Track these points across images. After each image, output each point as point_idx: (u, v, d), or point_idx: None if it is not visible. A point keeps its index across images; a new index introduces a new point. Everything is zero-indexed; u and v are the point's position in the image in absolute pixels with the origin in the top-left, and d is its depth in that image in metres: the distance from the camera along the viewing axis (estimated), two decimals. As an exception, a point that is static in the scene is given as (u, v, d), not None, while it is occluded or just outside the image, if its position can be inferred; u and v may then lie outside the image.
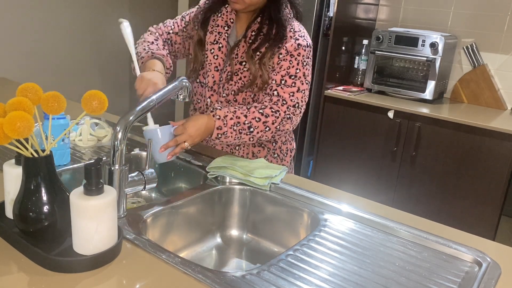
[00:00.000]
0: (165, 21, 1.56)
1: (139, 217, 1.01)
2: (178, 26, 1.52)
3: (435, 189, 2.63)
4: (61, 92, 0.85)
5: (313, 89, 3.04)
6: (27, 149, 0.80)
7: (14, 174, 0.88)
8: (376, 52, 2.89)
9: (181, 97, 1.28)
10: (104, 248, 0.82)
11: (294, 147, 1.58)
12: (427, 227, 1.06)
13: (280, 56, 1.34)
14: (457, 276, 0.89)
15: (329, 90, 2.91)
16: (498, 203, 2.44)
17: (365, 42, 3.03)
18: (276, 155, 1.49)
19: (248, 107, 1.31)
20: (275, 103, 1.33)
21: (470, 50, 2.89)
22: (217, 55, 1.41)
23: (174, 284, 0.79)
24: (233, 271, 0.84)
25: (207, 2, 1.47)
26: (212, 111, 1.27)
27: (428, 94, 2.77)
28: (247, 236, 1.24)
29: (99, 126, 1.54)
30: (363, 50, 3.05)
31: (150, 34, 1.52)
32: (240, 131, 1.28)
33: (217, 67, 1.42)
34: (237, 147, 1.47)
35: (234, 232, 1.25)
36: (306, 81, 1.36)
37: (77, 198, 0.79)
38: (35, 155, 0.81)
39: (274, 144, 1.48)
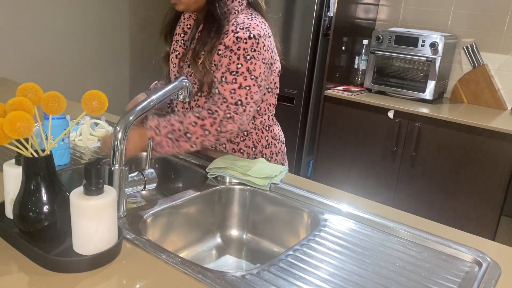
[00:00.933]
0: None
1: (139, 217, 1.01)
2: None
3: (435, 189, 2.63)
4: (61, 92, 0.85)
5: (313, 89, 3.04)
6: (27, 149, 0.80)
7: (14, 174, 0.88)
8: (376, 52, 2.89)
9: (181, 97, 1.28)
10: (104, 248, 0.82)
11: (282, 149, 1.52)
12: (427, 227, 1.06)
13: (220, 52, 1.27)
14: (457, 276, 0.89)
15: (329, 90, 2.91)
16: (498, 203, 2.44)
17: (365, 42, 3.03)
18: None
19: (186, 113, 1.27)
20: (215, 103, 1.26)
21: (470, 50, 2.89)
22: (175, 63, 1.39)
23: (174, 284, 0.79)
24: (233, 271, 0.84)
25: (170, 16, 1.47)
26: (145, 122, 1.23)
27: (428, 94, 2.77)
28: (247, 236, 1.24)
29: (99, 126, 1.54)
30: (363, 50, 3.05)
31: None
32: (177, 138, 1.22)
33: (175, 75, 1.39)
34: None
35: (234, 232, 1.25)
36: (252, 76, 1.26)
37: (77, 198, 0.79)
38: (35, 155, 0.81)
39: (253, 149, 1.43)
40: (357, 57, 3.10)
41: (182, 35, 1.40)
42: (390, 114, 2.68)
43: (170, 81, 1.45)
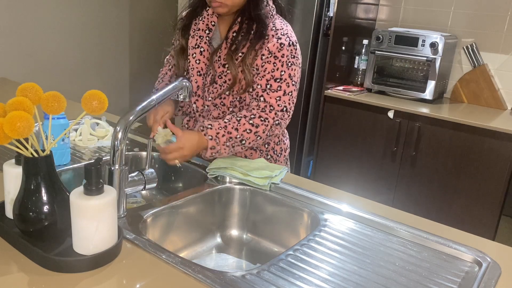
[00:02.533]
0: (165, 61, 1.60)
1: (139, 217, 1.01)
2: (174, 57, 1.51)
3: (435, 189, 2.63)
4: (61, 92, 0.85)
5: (313, 89, 3.04)
6: (27, 149, 0.80)
7: (14, 174, 0.88)
8: (376, 52, 2.89)
9: (181, 97, 1.29)
10: (104, 248, 0.82)
11: (288, 145, 1.55)
12: (427, 227, 1.06)
13: (263, 57, 1.30)
14: (457, 276, 0.89)
15: (329, 90, 2.91)
16: (498, 203, 2.44)
17: (365, 42, 3.03)
18: (269, 156, 1.47)
19: (238, 118, 1.28)
20: (263, 110, 1.30)
21: (470, 50, 2.89)
22: (199, 60, 1.38)
23: (174, 284, 0.79)
24: (233, 271, 0.84)
25: (189, 9, 1.44)
26: (203, 130, 1.24)
27: (428, 94, 2.77)
28: (247, 236, 1.24)
29: (99, 126, 1.54)
30: (363, 50, 3.05)
31: (158, 82, 1.55)
32: (233, 145, 1.27)
33: (199, 71, 1.39)
34: None
35: (234, 232, 1.25)
36: (293, 82, 1.32)
37: (77, 198, 0.79)
38: (35, 155, 0.81)
39: (266, 146, 1.45)
40: (357, 57, 3.10)
41: (207, 31, 1.38)
42: (390, 114, 2.68)
43: (180, 73, 1.43)
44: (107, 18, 3.65)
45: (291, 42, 1.32)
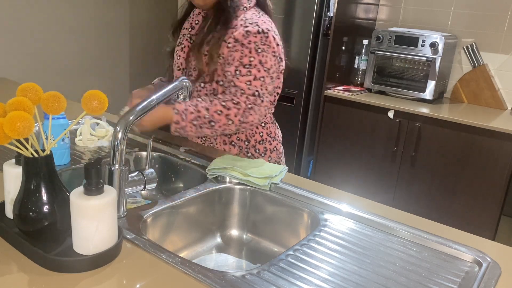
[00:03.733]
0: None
1: (139, 217, 1.01)
2: None
3: (435, 189, 2.63)
4: (61, 92, 0.85)
5: (313, 89, 3.04)
6: (27, 149, 0.80)
7: (14, 174, 0.88)
8: (376, 52, 2.89)
9: (182, 97, 1.28)
10: (104, 248, 0.82)
11: (277, 147, 1.52)
12: (427, 227, 1.06)
13: (229, 46, 1.31)
14: (457, 276, 0.89)
15: (329, 90, 2.91)
16: (498, 203, 2.44)
17: (365, 42, 3.03)
18: (250, 154, 1.46)
19: (211, 99, 1.30)
20: (235, 94, 1.30)
21: (470, 50, 2.89)
22: (180, 56, 1.44)
23: (174, 284, 0.79)
24: (233, 271, 0.84)
25: (181, 15, 1.51)
26: (172, 103, 1.26)
27: (428, 94, 2.77)
28: (247, 236, 1.24)
29: (99, 126, 1.54)
30: (363, 50, 3.05)
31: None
32: (201, 125, 1.27)
33: (179, 66, 1.44)
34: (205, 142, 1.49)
35: (234, 232, 1.25)
36: (264, 68, 1.31)
37: (77, 198, 0.79)
38: (35, 155, 0.81)
39: (246, 143, 1.45)
40: (357, 57, 3.10)
41: (190, 29, 1.44)
42: (390, 114, 2.68)
43: (172, 74, 1.50)
44: (107, 18, 3.65)
45: (260, 30, 1.31)
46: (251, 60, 1.30)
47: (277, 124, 1.55)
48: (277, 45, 1.35)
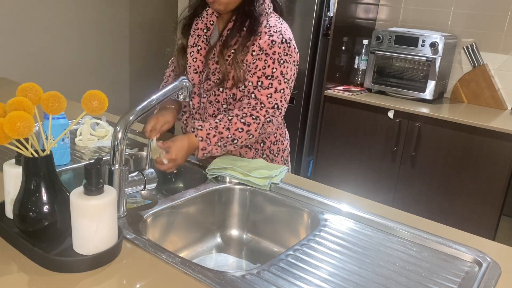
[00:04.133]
0: (169, 62, 1.63)
1: (139, 217, 1.01)
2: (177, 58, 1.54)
3: (435, 189, 2.63)
4: (61, 92, 0.85)
5: (313, 89, 3.04)
6: (27, 149, 0.80)
7: (14, 174, 0.88)
8: (376, 52, 2.89)
9: (182, 97, 1.29)
10: (104, 248, 0.82)
11: (288, 146, 1.55)
12: (427, 227, 1.06)
13: (254, 54, 1.31)
14: (457, 276, 0.89)
15: (329, 90, 2.91)
16: (498, 203, 2.44)
17: (365, 42, 3.03)
18: (265, 155, 1.47)
19: (230, 118, 1.28)
20: (254, 108, 1.30)
21: (470, 50, 2.89)
22: (196, 58, 1.40)
23: (174, 284, 0.79)
24: (233, 271, 0.84)
25: (190, 10, 1.47)
26: (193, 131, 1.25)
27: (428, 94, 2.77)
28: (247, 236, 1.24)
29: (99, 126, 1.54)
30: (363, 50, 3.05)
31: (162, 84, 1.57)
32: (225, 145, 1.27)
33: (196, 69, 1.40)
34: None
35: (234, 232, 1.25)
36: (285, 80, 1.32)
37: (77, 198, 0.79)
38: (35, 155, 0.81)
39: (262, 145, 1.45)
40: (357, 57, 3.10)
41: (205, 30, 1.40)
42: (390, 114, 2.68)
43: (184, 74, 1.46)
44: (107, 18, 3.65)
45: (284, 40, 1.31)
46: (273, 71, 1.30)
47: (285, 123, 1.56)
48: (297, 53, 1.36)
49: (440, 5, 2.99)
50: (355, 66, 3.12)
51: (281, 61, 1.31)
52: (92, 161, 0.80)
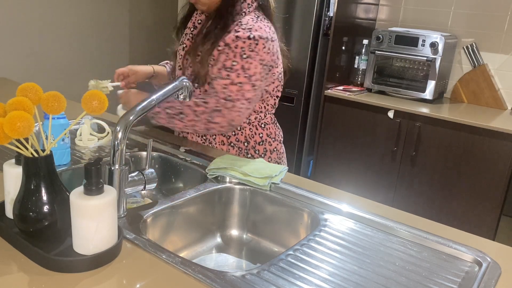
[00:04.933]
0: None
1: (139, 217, 1.01)
2: None
3: (435, 189, 2.63)
4: (61, 92, 0.85)
5: (313, 89, 3.04)
6: (27, 149, 0.80)
7: (14, 174, 0.88)
8: (376, 52, 2.89)
9: (182, 97, 1.28)
10: (104, 248, 0.82)
11: (278, 148, 1.52)
12: (427, 227, 1.06)
13: (219, 48, 1.33)
14: (457, 276, 0.89)
15: (329, 90, 2.91)
16: (498, 203, 2.44)
17: (365, 42, 3.03)
18: (249, 155, 1.46)
19: None
20: (208, 94, 1.34)
21: (470, 50, 2.89)
22: (181, 55, 1.45)
23: (174, 284, 0.79)
24: (233, 271, 0.84)
25: (184, 14, 1.53)
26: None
27: (428, 94, 2.77)
28: (247, 236, 1.24)
29: (99, 126, 1.54)
30: (363, 50, 3.05)
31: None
32: (173, 116, 1.32)
33: (180, 65, 1.46)
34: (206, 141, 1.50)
35: (234, 232, 1.25)
36: (245, 75, 1.31)
37: (77, 198, 0.79)
38: (35, 155, 0.81)
39: (246, 144, 1.46)
40: (357, 57, 3.10)
41: (192, 29, 1.45)
42: (390, 114, 2.68)
43: (175, 73, 1.52)
44: (107, 18, 3.65)
45: (251, 36, 1.31)
46: (233, 64, 1.31)
47: (278, 124, 1.55)
48: (268, 53, 1.34)
49: (440, 5, 2.99)
50: (355, 66, 3.12)
51: (244, 56, 1.30)
52: (92, 161, 0.80)
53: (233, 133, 1.45)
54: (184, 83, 1.25)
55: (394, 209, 1.14)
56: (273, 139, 1.51)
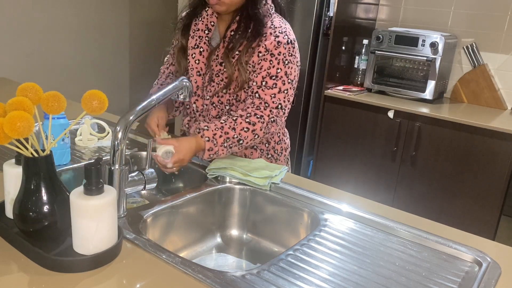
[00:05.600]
0: (165, 59, 1.61)
1: (139, 217, 1.01)
2: (172, 56, 1.52)
3: (435, 189, 2.63)
4: (61, 92, 0.85)
5: (313, 89, 3.04)
6: (27, 149, 0.80)
7: (14, 174, 0.88)
8: (376, 52, 2.89)
9: (182, 97, 1.29)
10: (104, 248, 0.82)
11: (289, 145, 1.55)
12: (427, 227, 1.06)
13: (260, 55, 1.31)
14: (457, 276, 0.89)
15: (329, 90, 2.91)
16: (498, 203, 2.44)
17: (365, 42, 3.03)
18: (270, 155, 1.47)
19: (234, 118, 1.28)
20: (258, 108, 1.30)
21: (470, 50, 2.89)
22: (198, 60, 1.39)
23: (174, 284, 0.79)
24: (233, 271, 0.84)
25: (189, 9, 1.44)
26: (199, 132, 1.25)
27: (428, 94, 2.77)
28: (247, 236, 1.24)
29: (100, 126, 1.54)
30: (363, 50, 3.05)
31: (156, 81, 1.56)
32: (231, 145, 1.27)
33: (199, 71, 1.39)
34: None
35: (234, 232, 1.25)
36: (289, 80, 1.32)
37: (77, 198, 0.79)
38: (35, 155, 0.81)
39: (267, 145, 1.46)
40: (357, 57, 3.10)
41: (206, 32, 1.38)
42: (390, 114, 2.68)
43: (186, 74, 1.43)
44: (107, 18, 3.65)
45: (289, 40, 1.32)
46: (278, 71, 1.31)
47: (285, 121, 1.56)
48: (299, 53, 1.37)
49: (440, 5, 2.99)
50: (355, 66, 3.11)
51: (286, 62, 1.32)
52: (92, 161, 0.80)
53: None
54: (184, 83, 1.25)
55: (394, 209, 1.14)
56: (286, 137, 1.54)
